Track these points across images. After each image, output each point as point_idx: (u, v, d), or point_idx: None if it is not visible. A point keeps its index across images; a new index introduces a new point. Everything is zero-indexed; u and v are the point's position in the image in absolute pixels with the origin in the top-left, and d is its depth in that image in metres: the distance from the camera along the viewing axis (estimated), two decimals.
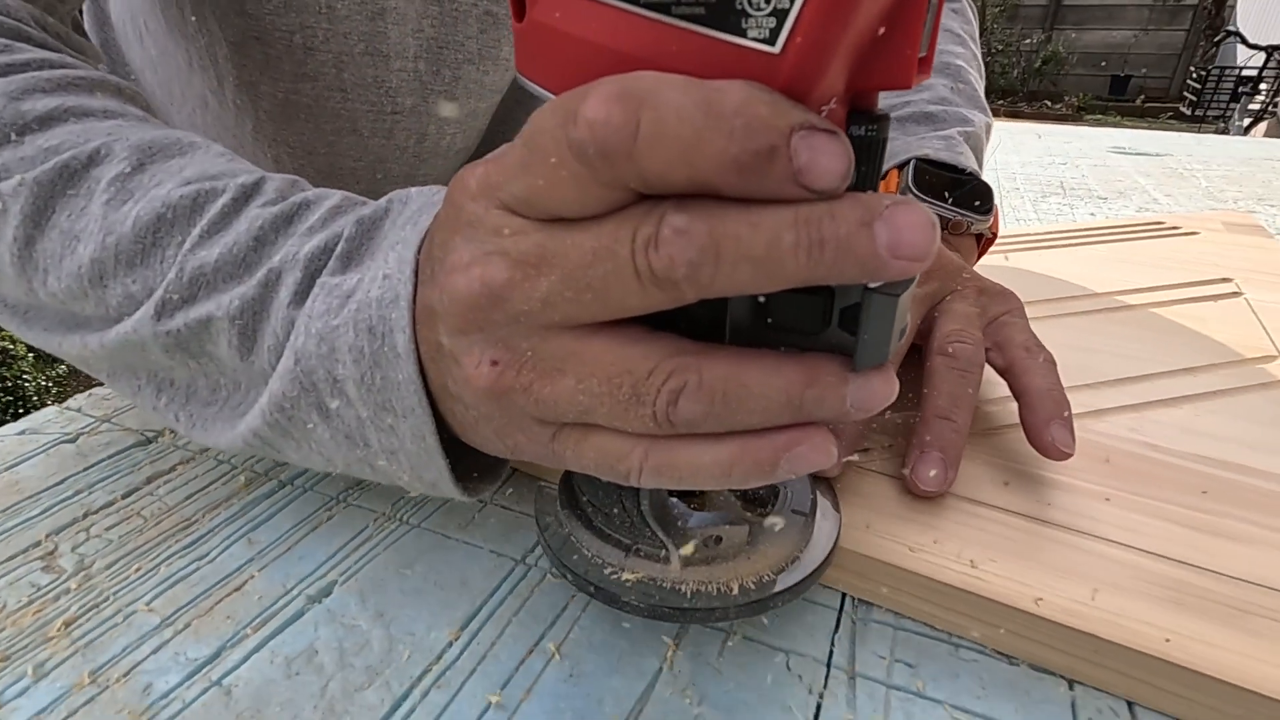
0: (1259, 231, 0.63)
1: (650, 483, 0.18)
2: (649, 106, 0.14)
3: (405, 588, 0.25)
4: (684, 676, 0.22)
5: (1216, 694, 0.20)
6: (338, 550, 0.27)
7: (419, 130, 0.50)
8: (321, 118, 0.46)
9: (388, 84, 0.46)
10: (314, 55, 0.43)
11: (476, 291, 0.17)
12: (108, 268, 0.23)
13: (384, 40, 0.45)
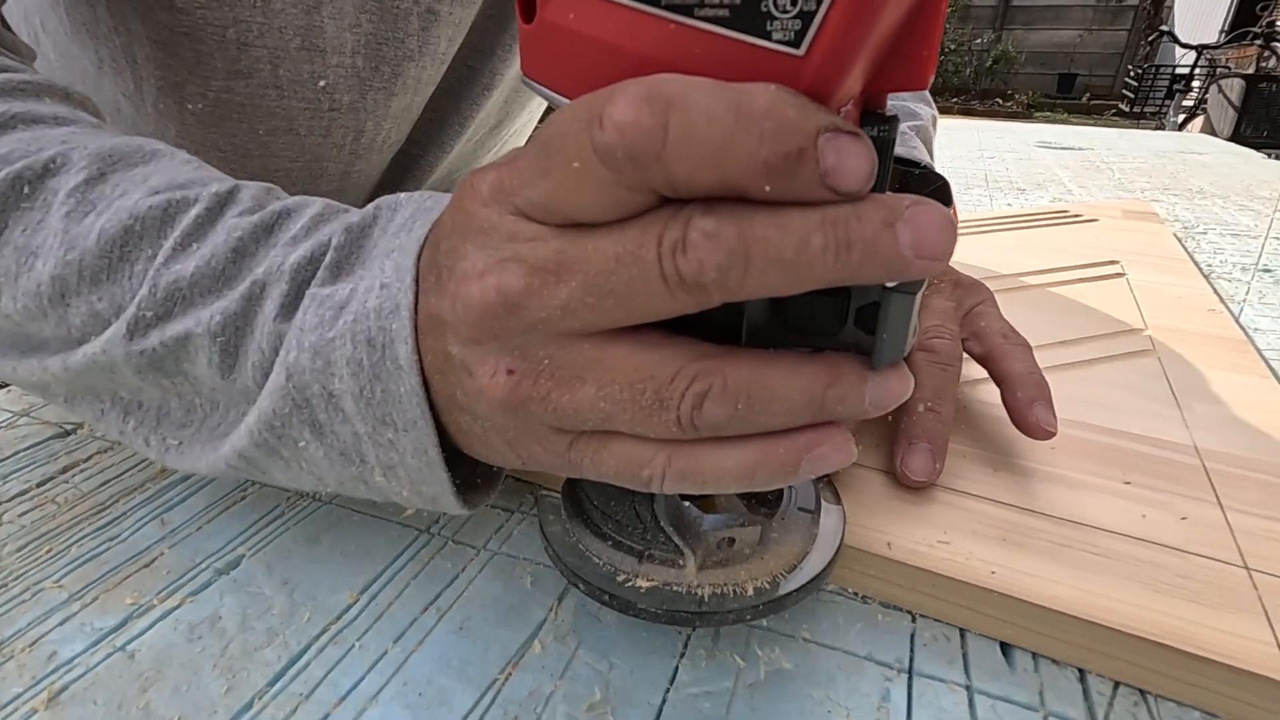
0: (1152, 218, 0.68)
1: (672, 488, 0.18)
2: (677, 109, 0.14)
3: (311, 557, 0.27)
4: (566, 625, 0.24)
5: (1034, 618, 0.23)
6: (249, 527, 0.28)
7: (356, 127, 0.50)
8: (256, 117, 0.45)
9: (325, 80, 0.46)
10: (248, 51, 0.42)
11: (492, 300, 0.16)
12: (70, 285, 0.22)
13: (320, 35, 0.44)
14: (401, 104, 0.53)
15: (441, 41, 0.51)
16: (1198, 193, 0.85)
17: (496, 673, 0.22)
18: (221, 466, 0.22)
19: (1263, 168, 1.00)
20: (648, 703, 0.21)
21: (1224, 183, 0.90)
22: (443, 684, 0.22)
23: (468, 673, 0.22)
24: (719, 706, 0.21)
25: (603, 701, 0.21)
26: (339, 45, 0.45)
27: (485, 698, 0.21)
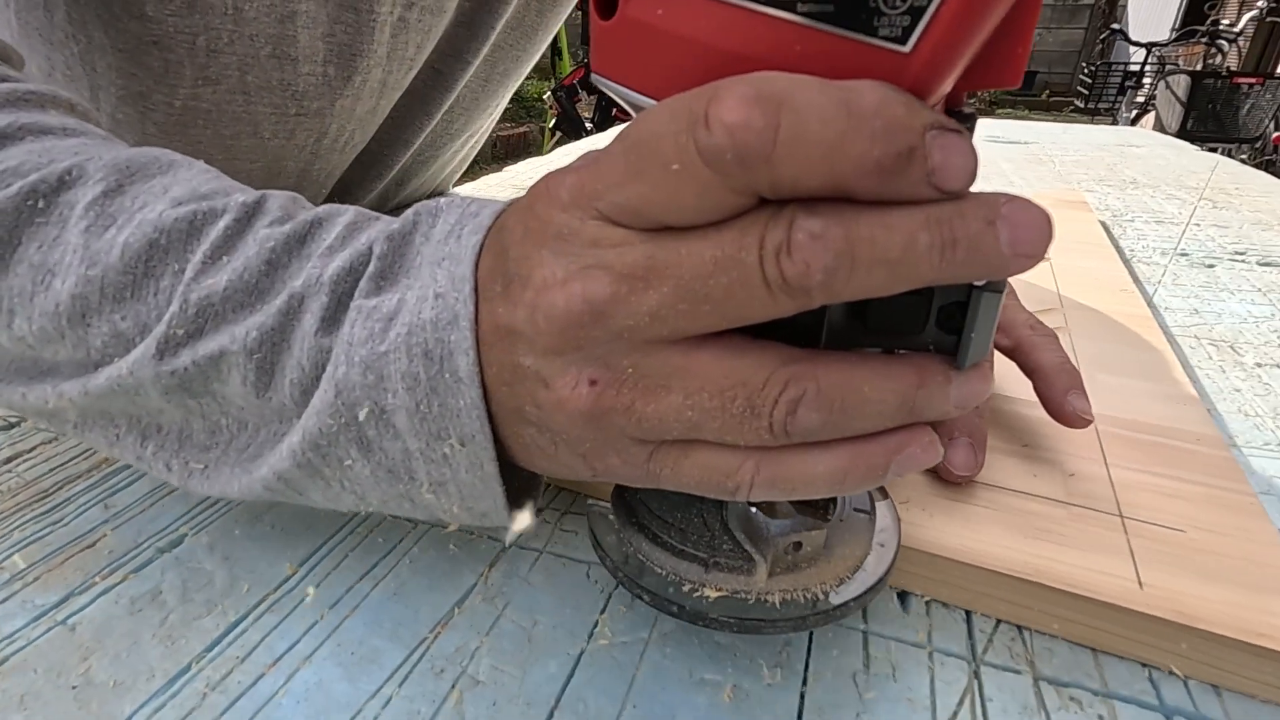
0: (1083, 207, 0.71)
1: (760, 496, 0.17)
2: (788, 109, 0.13)
3: (253, 535, 0.28)
4: (495, 587, 0.25)
5: (926, 565, 0.25)
6: (192, 509, 0.29)
7: (320, 130, 0.51)
8: (221, 122, 0.45)
9: (294, 87, 0.46)
10: (217, 58, 0.41)
11: (578, 309, 0.16)
12: (91, 304, 0.20)
13: (293, 44, 0.44)
14: (367, 107, 0.53)
15: (410, 48, 0.52)
16: (1130, 183, 0.89)
17: (426, 632, 0.24)
18: (257, 489, 0.21)
19: (1194, 159, 1.05)
20: (566, 653, 0.23)
21: (1156, 174, 0.95)
22: (375, 644, 0.23)
23: (399, 633, 0.24)
24: (633, 655, 0.23)
25: (525, 654, 0.23)
26: (311, 54, 0.45)
27: (414, 654, 0.23)
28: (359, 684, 0.22)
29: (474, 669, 0.22)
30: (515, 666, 0.22)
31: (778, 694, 0.22)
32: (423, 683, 0.22)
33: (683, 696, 0.21)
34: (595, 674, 0.22)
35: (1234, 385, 0.40)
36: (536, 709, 0.21)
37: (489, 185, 0.85)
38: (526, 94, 6.68)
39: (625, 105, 0.18)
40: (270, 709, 0.21)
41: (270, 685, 0.22)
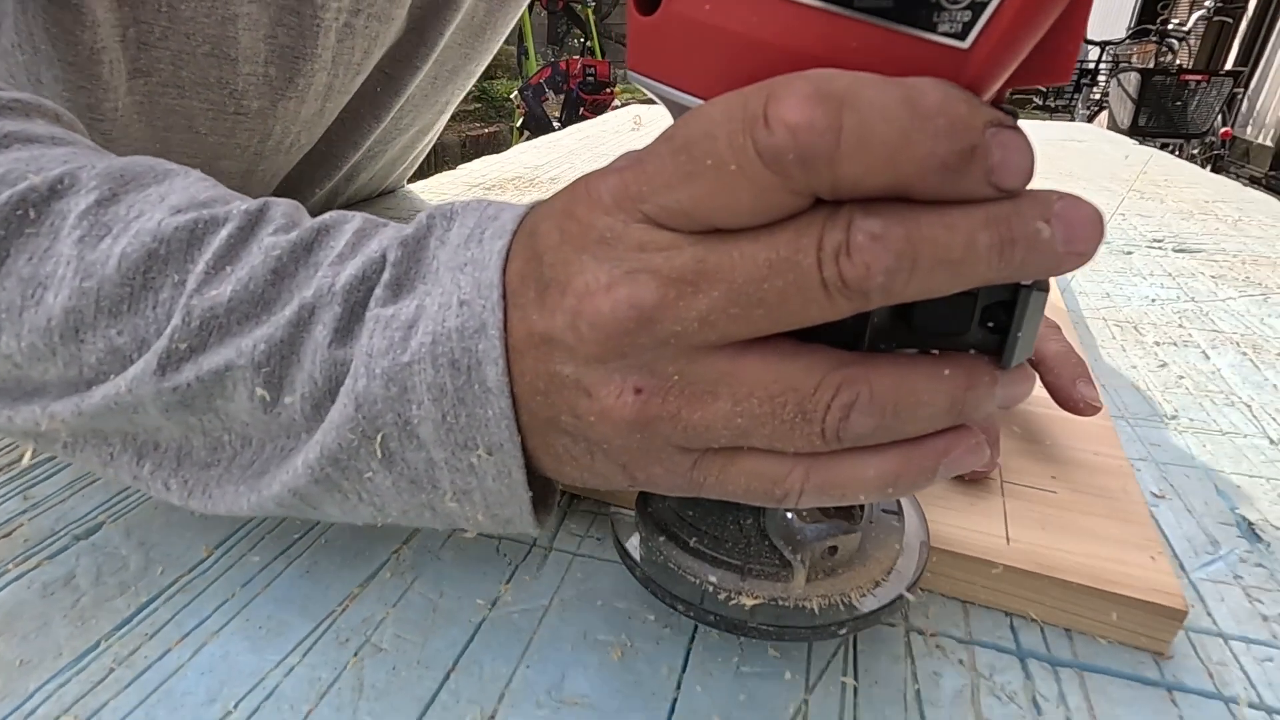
0: None
1: (809, 503, 0.17)
2: (850, 108, 0.13)
3: (171, 521, 0.28)
4: (406, 563, 0.26)
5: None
6: (112, 497, 0.30)
7: (263, 131, 0.51)
8: (154, 115, 0.44)
9: (232, 86, 0.46)
10: (149, 51, 0.41)
11: (623, 315, 0.15)
12: (86, 318, 0.19)
13: (233, 44, 0.44)
14: (312, 110, 0.53)
15: (357, 53, 0.52)
16: (1067, 175, 0.93)
17: (335, 606, 0.24)
18: (269, 507, 0.20)
19: (1131, 152, 1.09)
20: (469, 620, 0.24)
21: (1093, 167, 0.98)
22: (283, 618, 0.24)
23: (308, 608, 0.24)
24: (532, 621, 0.24)
25: (429, 622, 0.24)
26: (252, 55, 0.45)
27: (320, 626, 0.24)
28: (264, 655, 0.23)
29: (378, 638, 0.23)
30: (418, 634, 0.23)
31: (665, 650, 0.23)
32: (326, 652, 0.23)
33: (575, 657, 0.23)
34: (493, 639, 0.23)
35: (1132, 362, 0.42)
36: (434, 672, 0.22)
37: (442, 183, 0.85)
38: (496, 94, 6.65)
39: (665, 104, 0.17)
40: (175, 680, 0.22)
41: (176, 659, 0.22)
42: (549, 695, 0.21)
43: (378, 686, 0.22)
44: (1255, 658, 0.23)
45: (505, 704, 0.21)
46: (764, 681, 0.22)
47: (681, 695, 0.21)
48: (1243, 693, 0.21)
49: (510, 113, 5.17)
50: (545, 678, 0.22)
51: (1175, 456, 0.33)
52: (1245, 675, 0.22)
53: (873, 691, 0.21)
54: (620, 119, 1.38)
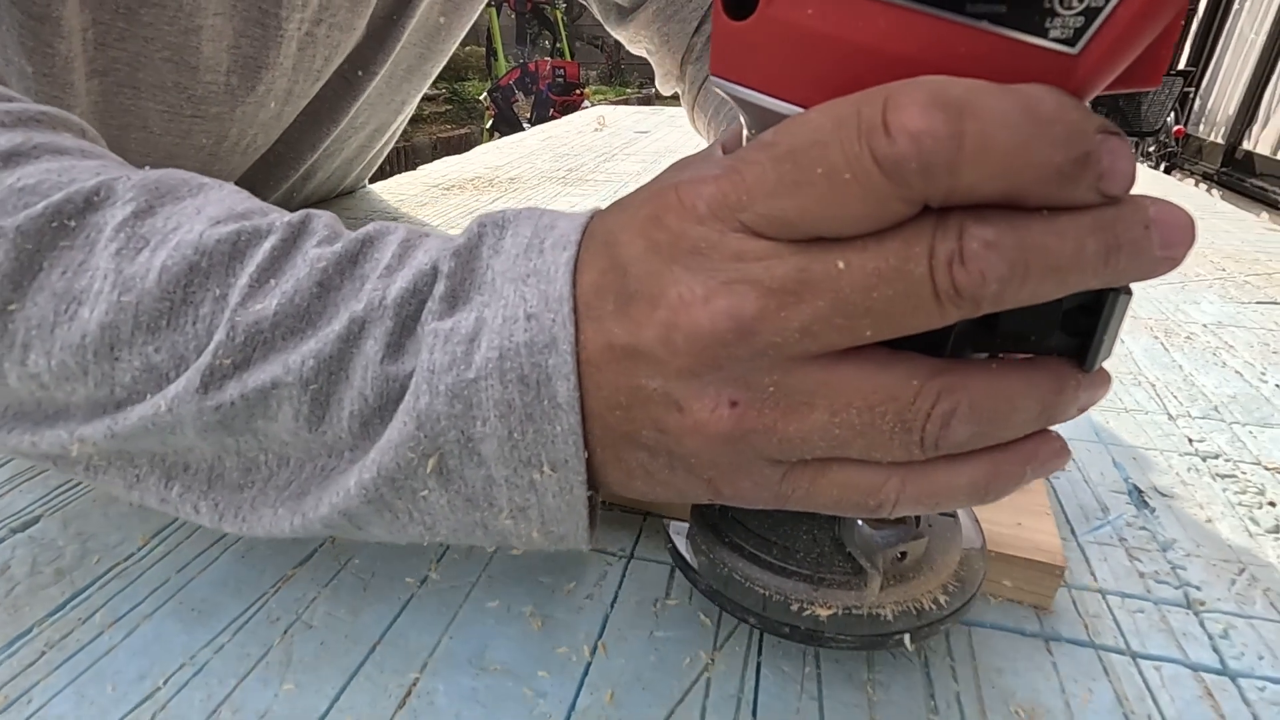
0: None
1: (903, 512, 0.17)
2: (971, 115, 0.13)
3: (109, 513, 0.29)
4: (341, 545, 0.27)
5: None
6: (50, 492, 0.30)
7: (219, 133, 0.51)
8: (109, 113, 0.44)
9: (191, 91, 0.46)
10: (105, 51, 0.41)
11: (723, 327, 0.15)
12: (122, 334, 0.19)
13: (195, 54, 0.44)
14: (270, 114, 0.54)
15: (318, 60, 0.53)
16: None
17: (268, 587, 0.25)
18: (315, 529, 0.20)
19: None
20: (398, 598, 0.25)
21: None
22: (216, 600, 0.25)
23: (241, 590, 0.25)
24: (458, 596, 0.25)
25: (359, 600, 0.25)
26: (214, 65, 0.46)
27: (253, 607, 0.24)
28: (195, 634, 0.23)
29: (308, 615, 0.24)
30: (348, 612, 0.24)
31: (584, 617, 0.24)
32: (257, 630, 0.24)
33: (497, 628, 0.24)
34: (420, 614, 0.24)
35: None
36: (361, 645, 0.23)
37: (402, 183, 0.86)
38: (466, 95, 6.62)
39: (746, 111, 0.17)
40: (106, 661, 0.22)
41: (108, 641, 0.23)
42: (469, 663, 0.22)
43: (305, 660, 0.22)
44: (1129, 610, 0.25)
45: (428, 672, 0.22)
46: (675, 645, 0.23)
47: (595, 659, 0.23)
48: (1112, 641, 0.23)
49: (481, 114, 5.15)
50: (467, 648, 0.23)
51: (1079, 432, 0.35)
52: (1117, 625, 0.24)
53: (776, 649, 0.23)
54: (584, 119, 1.39)
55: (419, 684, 0.22)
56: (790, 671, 0.22)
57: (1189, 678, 0.22)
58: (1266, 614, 0.24)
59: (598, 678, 0.22)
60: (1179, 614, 0.24)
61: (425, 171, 0.93)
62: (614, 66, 8.29)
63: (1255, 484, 0.31)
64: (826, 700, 0.21)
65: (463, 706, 0.21)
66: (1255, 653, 0.23)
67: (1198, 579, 0.26)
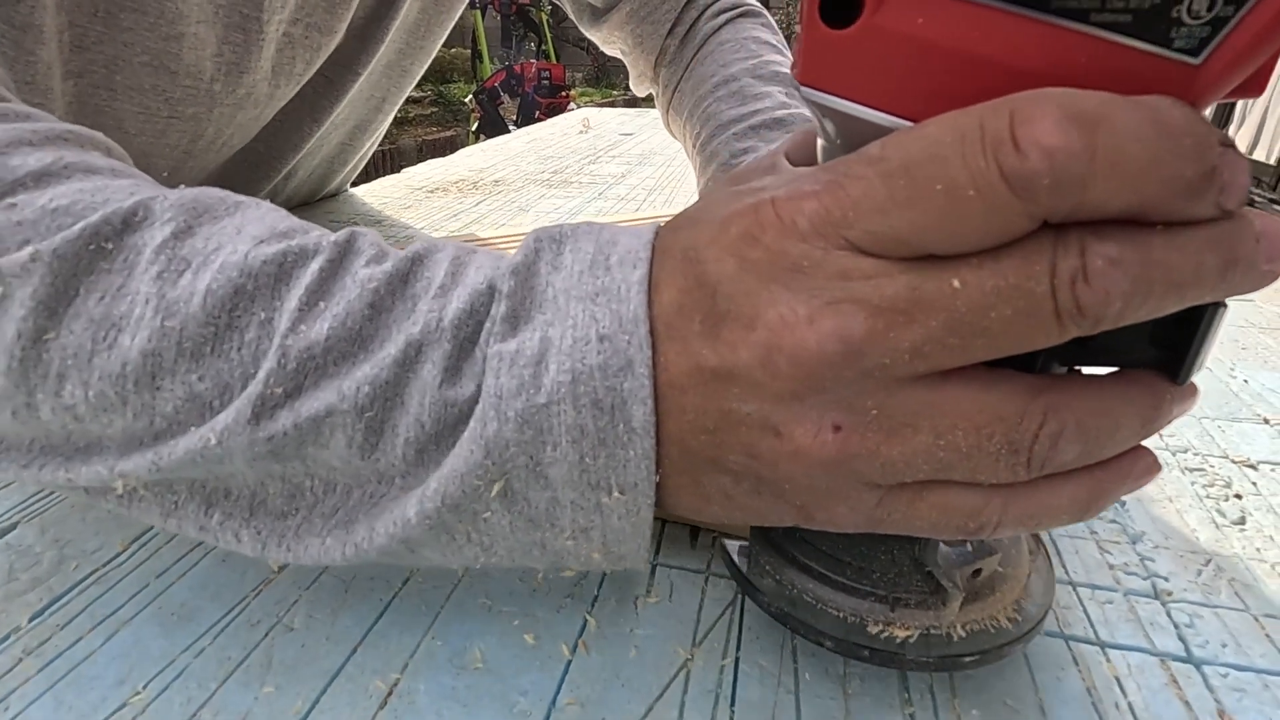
0: None
1: (1004, 534, 0.17)
2: (1104, 129, 0.12)
3: (87, 519, 0.29)
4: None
5: None
6: (28, 499, 0.30)
7: (194, 132, 0.51)
8: (82, 114, 0.43)
9: (169, 94, 0.45)
10: (82, 54, 0.40)
11: (831, 349, 0.15)
12: (165, 362, 0.18)
13: (175, 60, 0.44)
14: (249, 115, 0.53)
15: (298, 64, 0.52)
16: None
17: (248, 591, 0.25)
18: (370, 558, 0.19)
19: None
20: (379, 599, 0.25)
21: None
22: (196, 604, 0.25)
23: (221, 594, 0.25)
24: (441, 596, 0.25)
25: (340, 602, 0.25)
26: (196, 70, 0.45)
27: (233, 610, 0.25)
28: (175, 639, 0.23)
29: (289, 618, 0.24)
30: (329, 614, 0.24)
31: (565, 616, 0.24)
32: (237, 633, 0.24)
33: (479, 628, 0.24)
34: (402, 614, 0.24)
35: None
36: (342, 646, 0.23)
37: (385, 186, 0.86)
38: (452, 97, 6.60)
39: (836, 123, 0.17)
40: (85, 666, 0.22)
41: (87, 646, 0.23)
42: (450, 663, 0.23)
43: (286, 662, 0.23)
44: (1098, 601, 0.25)
45: (409, 673, 0.22)
46: (654, 642, 0.23)
47: (576, 657, 0.23)
48: (1082, 631, 0.24)
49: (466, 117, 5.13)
50: (449, 648, 0.23)
51: None
52: (1086, 616, 0.24)
53: (754, 645, 0.23)
54: (569, 121, 1.39)
55: (400, 684, 0.22)
56: (768, 666, 0.23)
57: (1156, 666, 0.23)
58: (1231, 603, 0.25)
59: (578, 675, 0.22)
60: (1147, 604, 0.25)
61: (409, 174, 0.92)
62: (600, 69, 8.30)
63: (1223, 477, 0.32)
64: (803, 694, 0.22)
65: (443, 706, 0.21)
66: (1219, 641, 0.24)
67: (1165, 570, 0.26)
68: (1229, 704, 0.21)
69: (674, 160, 0.97)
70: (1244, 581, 0.26)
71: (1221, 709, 0.21)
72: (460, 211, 0.74)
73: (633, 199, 0.77)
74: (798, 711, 0.21)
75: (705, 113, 0.53)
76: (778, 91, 0.52)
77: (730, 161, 0.48)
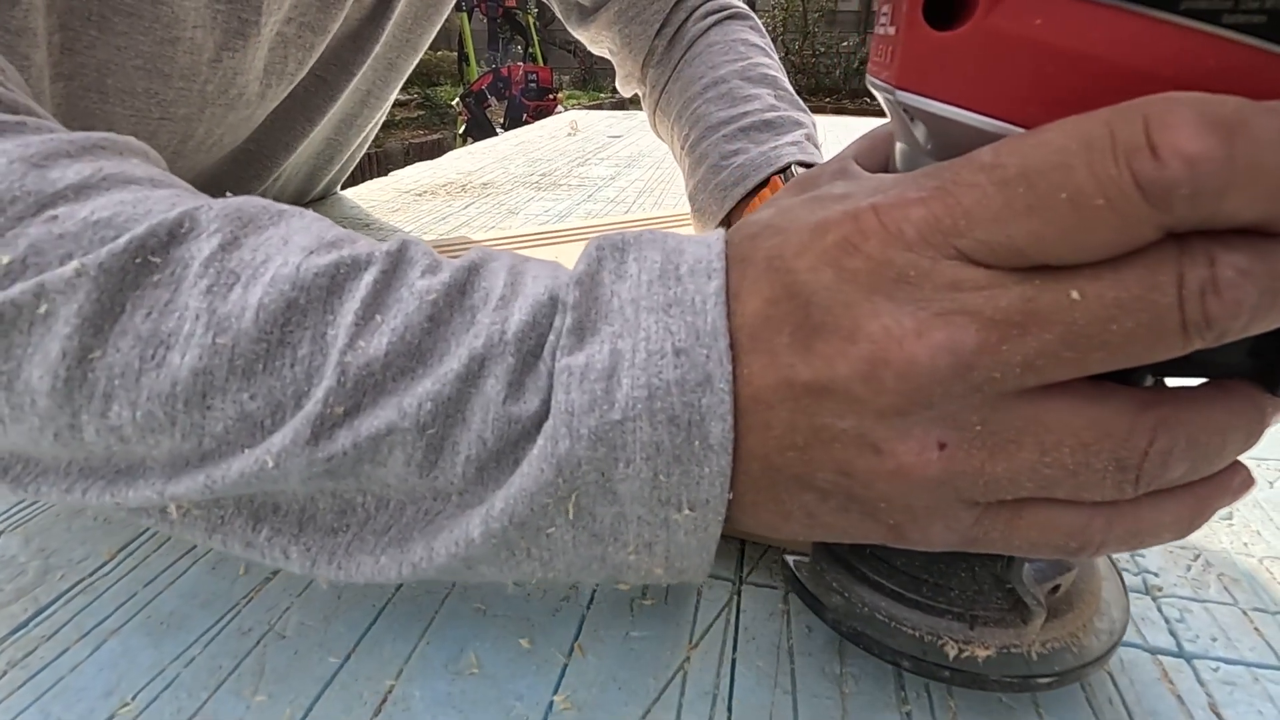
0: None
1: (1107, 553, 0.16)
2: (1242, 137, 0.12)
3: (73, 528, 0.28)
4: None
5: None
6: (11, 508, 0.29)
7: (184, 133, 0.50)
8: (71, 116, 0.43)
9: (162, 97, 0.45)
10: (73, 57, 0.39)
11: (943, 363, 0.14)
12: (217, 380, 0.17)
13: (170, 63, 0.43)
14: (241, 116, 0.53)
15: (290, 63, 0.52)
16: None
17: (239, 598, 0.25)
18: (428, 575, 0.18)
19: None
20: (372, 605, 0.25)
21: None
22: (186, 613, 0.24)
23: (212, 602, 0.25)
24: (434, 601, 0.25)
25: (333, 608, 0.25)
26: (190, 73, 0.45)
27: (224, 619, 0.24)
28: (164, 648, 0.23)
29: (281, 625, 0.24)
30: (321, 621, 0.24)
31: (560, 620, 0.24)
32: (228, 642, 0.23)
33: (474, 632, 0.24)
34: (395, 620, 0.24)
35: None
36: (335, 653, 0.23)
37: (373, 189, 0.85)
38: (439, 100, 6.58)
39: (931, 128, 0.16)
40: (72, 677, 0.22)
41: (74, 658, 0.23)
42: (445, 668, 0.22)
43: (278, 670, 0.22)
44: None
45: (403, 678, 0.22)
46: (651, 644, 0.23)
47: (572, 660, 0.23)
48: None
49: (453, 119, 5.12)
50: (444, 653, 0.23)
51: None
52: None
53: (750, 646, 0.23)
54: (557, 124, 1.39)
55: (394, 690, 0.22)
56: (764, 667, 0.23)
57: (1148, 661, 0.23)
58: (1220, 598, 0.25)
59: (574, 679, 0.22)
60: (1138, 600, 0.25)
61: (397, 177, 0.92)
62: (587, 71, 8.30)
63: None
64: (800, 694, 0.22)
65: (439, 712, 0.21)
66: (1209, 635, 0.24)
67: (1155, 566, 0.27)
68: (1220, 698, 0.22)
69: (663, 163, 0.97)
70: (1232, 576, 0.26)
71: (1213, 703, 0.21)
72: (449, 214, 0.73)
73: (622, 201, 0.77)
74: (795, 712, 0.21)
75: (694, 114, 0.53)
76: (767, 94, 0.52)
77: (720, 163, 0.49)
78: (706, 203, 0.49)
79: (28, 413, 0.18)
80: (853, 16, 10.99)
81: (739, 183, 0.47)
